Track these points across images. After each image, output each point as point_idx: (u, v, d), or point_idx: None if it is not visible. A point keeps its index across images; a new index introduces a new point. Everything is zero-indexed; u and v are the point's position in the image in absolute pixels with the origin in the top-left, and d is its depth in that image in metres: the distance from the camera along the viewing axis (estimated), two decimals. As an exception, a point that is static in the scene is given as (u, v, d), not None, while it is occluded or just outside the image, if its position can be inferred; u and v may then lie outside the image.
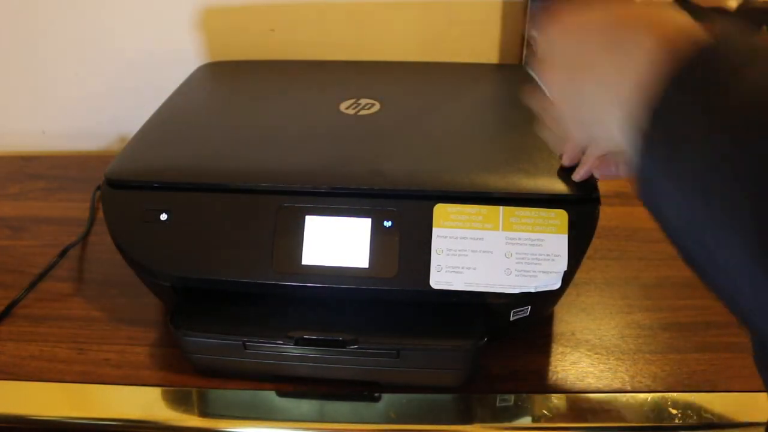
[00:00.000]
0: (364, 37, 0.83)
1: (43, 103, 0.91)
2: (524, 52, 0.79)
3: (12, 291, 0.63)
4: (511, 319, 0.53)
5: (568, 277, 0.48)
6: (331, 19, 0.82)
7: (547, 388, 0.53)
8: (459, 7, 0.80)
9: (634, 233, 0.71)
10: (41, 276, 0.66)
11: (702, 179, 0.25)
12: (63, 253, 0.69)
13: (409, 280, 0.48)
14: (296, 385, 0.54)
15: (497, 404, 0.52)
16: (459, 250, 0.48)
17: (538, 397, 0.52)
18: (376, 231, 0.49)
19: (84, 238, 0.72)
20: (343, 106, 0.61)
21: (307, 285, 0.49)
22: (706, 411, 0.51)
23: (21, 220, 0.76)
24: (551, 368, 0.55)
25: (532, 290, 0.48)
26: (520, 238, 0.48)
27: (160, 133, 0.59)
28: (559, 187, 0.49)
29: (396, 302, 0.52)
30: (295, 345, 0.49)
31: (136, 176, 0.53)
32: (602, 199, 0.50)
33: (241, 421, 0.52)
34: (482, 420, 0.51)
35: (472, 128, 0.59)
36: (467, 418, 0.52)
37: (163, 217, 0.51)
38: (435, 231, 0.49)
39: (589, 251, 0.50)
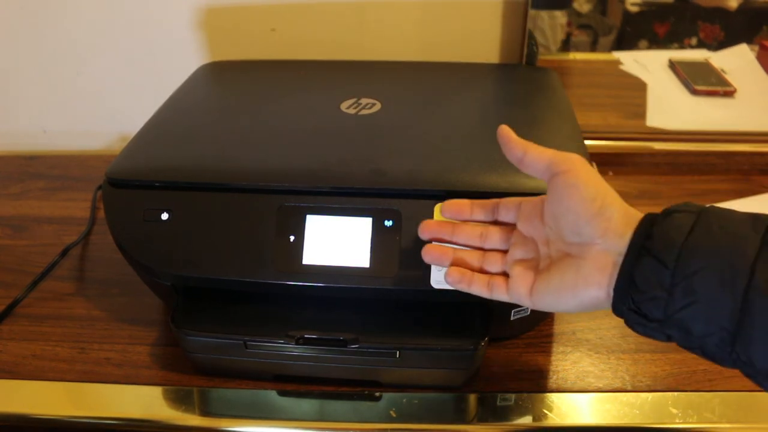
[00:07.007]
0: (365, 36, 0.83)
1: (44, 102, 0.92)
2: (525, 51, 0.79)
3: (13, 290, 0.63)
4: (512, 318, 0.53)
5: (568, 277, 0.48)
6: (331, 18, 0.82)
7: (548, 387, 0.53)
8: (460, 7, 0.80)
9: (634, 233, 0.71)
10: (42, 275, 0.66)
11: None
12: (64, 253, 0.69)
13: (409, 279, 0.48)
14: (297, 384, 0.54)
15: (498, 403, 0.52)
16: (459, 250, 0.48)
17: (538, 397, 0.52)
18: (377, 230, 0.49)
19: (85, 238, 0.72)
20: (344, 106, 0.61)
21: (308, 284, 0.49)
22: (707, 410, 0.51)
23: (22, 220, 0.76)
24: (552, 367, 0.55)
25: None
26: (520, 238, 0.48)
27: (162, 133, 0.59)
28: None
29: (396, 302, 0.52)
30: (295, 344, 0.49)
31: (138, 175, 0.53)
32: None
33: (242, 420, 0.52)
34: (483, 419, 0.51)
35: (472, 128, 0.59)
36: (468, 417, 0.52)
37: (164, 216, 0.51)
38: (436, 230, 0.49)
39: (590, 251, 0.50)
